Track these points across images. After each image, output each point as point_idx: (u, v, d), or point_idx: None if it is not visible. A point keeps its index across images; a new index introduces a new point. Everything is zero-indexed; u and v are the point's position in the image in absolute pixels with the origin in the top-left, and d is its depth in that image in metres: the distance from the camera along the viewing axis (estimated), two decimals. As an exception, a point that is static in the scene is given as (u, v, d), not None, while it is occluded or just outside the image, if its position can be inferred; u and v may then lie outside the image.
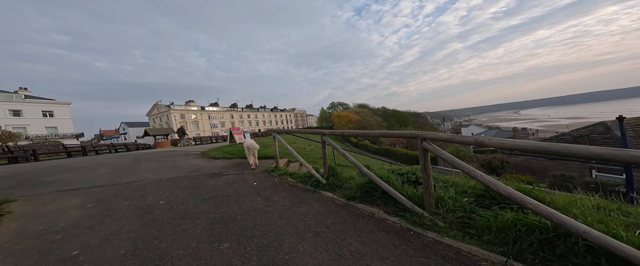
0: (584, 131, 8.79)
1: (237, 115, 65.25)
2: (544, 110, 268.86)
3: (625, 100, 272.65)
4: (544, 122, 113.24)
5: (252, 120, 69.36)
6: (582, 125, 37.44)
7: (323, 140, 3.11)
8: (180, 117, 50.90)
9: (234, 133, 11.08)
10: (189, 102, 57.24)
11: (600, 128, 8.25)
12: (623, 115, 5.00)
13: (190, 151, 9.65)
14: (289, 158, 6.18)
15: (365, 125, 40.81)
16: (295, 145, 10.46)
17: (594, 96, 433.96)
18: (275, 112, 77.97)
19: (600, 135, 7.99)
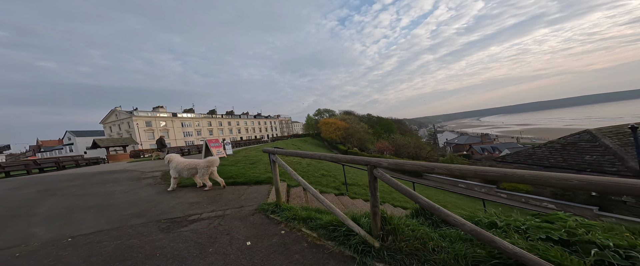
0: (570, 139, 9.18)
1: (216, 122, 60.06)
2: (498, 118, 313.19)
3: (556, 109, 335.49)
4: (500, 128, 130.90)
5: (232, 127, 64.58)
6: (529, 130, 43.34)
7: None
8: (146, 125, 44.47)
9: (211, 145, 9.06)
10: (158, 108, 50.74)
11: (586, 136, 8.65)
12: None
13: (147, 170, 7.41)
14: (288, 181, 4.73)
15: (352, 132, 40.72)
16: (286, 158, 8.93)
17: (533, 106, 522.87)
18: (259, 118, 74.33)
19: (588, 143, 8.33)
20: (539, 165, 9.87)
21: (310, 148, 27.60)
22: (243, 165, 6.79)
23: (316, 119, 58.86)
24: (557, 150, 9.53)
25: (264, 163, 7.31)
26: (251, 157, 9.19)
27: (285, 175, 5.72)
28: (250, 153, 11.39)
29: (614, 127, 8.62)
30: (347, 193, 4.76)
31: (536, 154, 10.39)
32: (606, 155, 7.55)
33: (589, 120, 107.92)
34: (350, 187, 5.89)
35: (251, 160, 8.07)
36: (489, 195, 10.36)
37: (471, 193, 11.15)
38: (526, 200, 8.72)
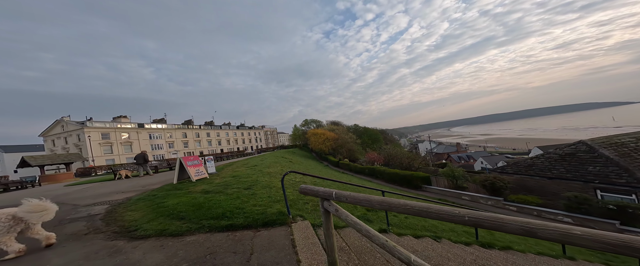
0: (567, 149, 9.49)
1: (192, 133, 54.28)
2: (464, 128, 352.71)
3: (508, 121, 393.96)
4: (468, 137, 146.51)
5: (212, 139, 59.07)
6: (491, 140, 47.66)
7: None
8: (102, 138, 37.59)
9: (188, 165, 6.99)
10: (119, 118, 43.93)
11: (583, 147, 8.98)
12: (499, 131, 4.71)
13: (91, 197, 5.17)
14: (313, 215, 3.23)
15: (342, 143, 40.09)
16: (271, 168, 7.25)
17: (491, 118, 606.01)
18: (243, 129, 69.91)
19: (587, 154, 8.59)
20: (541, 176, 9.95)
21: (300, 160, 25.76)
22: (235, 191, 5.03)
23: (304, 130, 57.39)
24: (556, 161, 9.77)
25: (264, 186, 5.60)
26: (242, 176, 7.28)
27: (299, 204, 4.17)
28: (239, 170, 9.32)
29: (607, 137, 9.25)
30: (390, 229, 3.41)
31: (536, 165, 10.60)
32: (610, 166, 7.75)
33: (535, 131, 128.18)
34: (374, 212, 4.55)
35: (244, 181, 6.24)
36: (496, 207, 9.96)
37: (477, 206, 10.70)
38: (538, 214, 8.41)
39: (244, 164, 12.67)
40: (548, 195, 9.13)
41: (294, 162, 20.19)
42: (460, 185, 12.61)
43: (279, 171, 9.40)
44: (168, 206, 4.09)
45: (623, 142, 8.48)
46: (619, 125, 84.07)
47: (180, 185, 6.36)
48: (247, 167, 10.69)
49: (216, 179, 7.11)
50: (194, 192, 5.35)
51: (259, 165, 11.45)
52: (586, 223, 7.10)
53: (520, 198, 9.30)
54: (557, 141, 55.26)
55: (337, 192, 1.55)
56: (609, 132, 71.49)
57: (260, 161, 14.87)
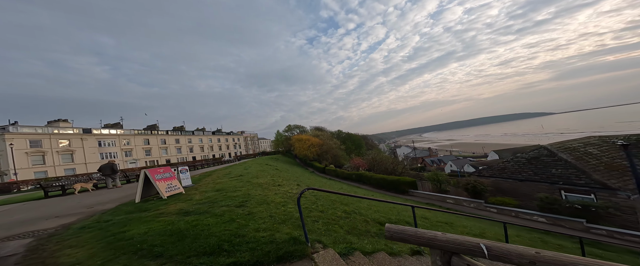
0: (534, 153, 10.68)
1: (157, 139, 47.41)
2: (433, 134, 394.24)
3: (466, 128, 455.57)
4: (436, 143, 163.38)
5: (182, 145, 52.49)
6: (455, 145, 54.25)
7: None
8: (31, 145, 29.73)
9: (156, 179, 5.45)
10: (57, 122, 35.69)
11: (544, 151, 10.22)
12: (477, 135, 5.41)
13: None
14: (330, 237, 2.54)
15: (327, 149, 39.80)
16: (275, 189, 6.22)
17: (453, 125, 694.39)
18: (219, 135, 64.15)
19: (549, 158, 9.76)
20: (514, 178, 10.98)
21: (286, 167, 24.32)
22: (226, 211, 3.97)
23: (287, 135, 55.59)
24: (524, 164, 10.94)
25: (259, 201, 4.65)
26: (228, 189, 6.00)
27: (306, 222, 3.31)
28: (222, 182, 7.81)
29: (560, 142, 10.79)
30: (424, 250, 2.82)
31: (508, 168, 11.72)
32: (569, 169, 8.88)
33: (486, 136, 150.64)
34: None
35: (233, 196, 5.10)
36: (478, 210, 10.53)
37: (461, 208, 11.20)
38: (516, 214, 9.07)
39: (225, 174, 10.95)
40: (520, 196, 10.04)
41: (280, 170, 18.78)
42: (443, 189, 13.20)
43: (270, 181, 8.21)
44: (132, 238, 2.90)
45: (574, 147, 9.93)
46: (547, 132, 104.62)
47: (147, 205, 4.88)
48: (231, 177, 9.17)
49: (195, 195, 5.71)
50: (168, 213, 4.08)
51: (245, 174, 10.03)
52: (558, 222, 7.85)
53: (498, 200, 9.99)
54: (504, 146, 65.22)
55: (488, 243, 0.88)
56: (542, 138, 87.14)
57: (245, 170, 13.27)
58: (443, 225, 5.21)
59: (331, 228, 3.56)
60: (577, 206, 7.47)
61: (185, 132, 54.00)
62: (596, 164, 8.64)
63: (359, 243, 3.01)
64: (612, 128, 74.93)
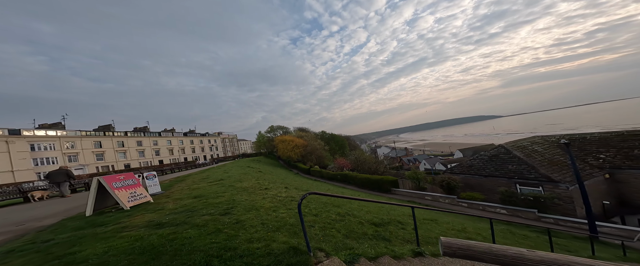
0: (494, 151, 12.18)
1: (113, 142, 40.79)
2: (408, 135, 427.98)
3: (434, 129, 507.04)
4: (411, 143, 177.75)
5: (146, 148, 46.20)
6: (427, 144, 60.86)
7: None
8: None
9: (116, 186, 4.48)
10: None
11: (502, 150, 11.74)
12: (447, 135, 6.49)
13: None
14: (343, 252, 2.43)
15: (311, 150, 39.54)
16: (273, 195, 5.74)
17: (424, 126, 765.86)
18: (192, 136, 58.42)
19: (506, 155, 11.25)
20: (480, 174, 12.37)
21: (269, 169, 23.24)
22: (210, 221, 3.39)
23: (270, 136, 53.62)
24: (486, 161, 12.42)
25: (247, 208, 4.16)
26: (209, 195, 5.28)
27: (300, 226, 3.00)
28: (199, 187, 6.91)
29: (513, 142, 12.55)
30: (426, 251, 2.81)
31: (474, 166, 13.16)
32: (522, 165, 10.38)
33: (451, 137, 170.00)
34: (384, 227, 3.91)
35: (215, 203, 4.46)
36: (452, 205, 11.54)
37: (438, 204, 12.17)
38: (483, 208, 10.19)
39: (202, 178, 9.78)
40: (485, 190, 11.35)
41: (264, 172, 17.80)
42: (422, 186, 14.19)
43: (255, 185, 7.56)
44: (87, 260, 2.26)
45: (524, 145, 11.67)
46: (497, 133, 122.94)
47: (102, 219, 4.01)
48: (210, 182, 8.20)
49: (168, 203, 4.90)
50: (134, 227, 3.38)
51: (226, 178, 9.11)
52: (516, 213, 9.07)
53: (469, 195, 11.11)
54: (466, 145, 74.27)
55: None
56: (494, 138, 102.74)
57: (225, 173, 12.12)
58: (429, 222, 5.46)
59: (328, 233, 3.38)
60: (529, 198, 8.75)
61: (149, 133, 47.55)
62: (541, 160, 10.31)
63: (360, 247, 2.86)
64: (543, 130, 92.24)
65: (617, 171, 9.21)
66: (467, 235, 4.61)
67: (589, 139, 10.93)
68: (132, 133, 44.22)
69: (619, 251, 5.13)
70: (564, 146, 6.65)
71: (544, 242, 5.09)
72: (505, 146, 11.75)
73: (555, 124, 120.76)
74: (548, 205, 8.37)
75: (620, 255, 4.86)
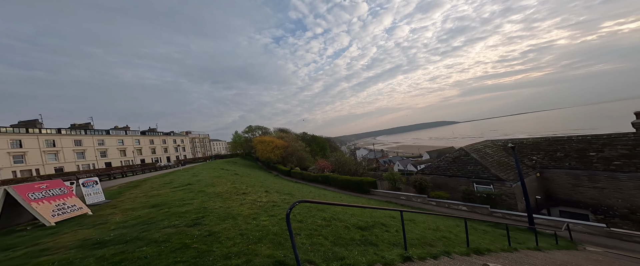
0: (456, 154, 13.77)
1: (39, 141, 32.73)
2: (384, 138, 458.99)
3: (407, 132, 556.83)
4: (387, 145, 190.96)
5: (88, 148, 38.40)
6: (400, 147, 66.99)
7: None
8: None
9: (34, 198, 3.28)
10: None
11: (463, 152, 13.36)
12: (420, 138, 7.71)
13: None
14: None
15: (292, 151, 38.65)
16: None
17: (398, 129, 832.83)
18: (152, 135, 51.08)
19: (466, 157, 12.83)
20: (445, 174, 13.82)
21: (246, 171, 21.69)
22: (175, 234, 2.76)
23: (247, 137, 50.65)
24: (450, 163, 13.98)
25: (221, 217, 3.62)
26: (171, 203, 4.55)
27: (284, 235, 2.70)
28: (159, 194, 5.86)
29: (472, 145, 14.42)
30: (412, 255, 2.84)
31: (441, 167, 14.66)
32: (478, 166, 11.97)
33: (419, 140, 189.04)
34: (369, 230, 3.89)
35: (180, 212, 3.75)
36: (423, 204, 12.59)
37: (411, 203, 13.13)
38: (448, 205, 11.38)
39: (164, 183, 8.38)
40: (449, 189, 12.73)
41: (241, 174, 16.43)
42: (397, 186, 15.14)
43: (231, 190, 6.77)
44: None
45: (479, 148, 13.52)
46: (456, 137, 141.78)
47: (10, 240, 3.01)
48: (175, 187, 7.07)
49: (114, 215, 3.99)
50: (59, 248, 2.64)
51: (195, 183, 7.96)
52: (474, 209, 10.37)
53: (436, 194, 12.28)
54: (432, 148, 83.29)
55: None
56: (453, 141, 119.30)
57: (194, 177, 10.67)
58: (408, 222, 5.72)
59: (316, 241, 3.18)
60: (484, 195, 10.14)
61: (94, 132, 39.55)
62: (492, 161, 12.10)
63: (350, 256, 2.73)
64: (488, 135, 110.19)
65: (545, 170, 11.45)
66: (441, 233, 4.97)
67: (525, 143, 13.36)
68: (69, 131, 36.04)
69: (552, 240, 6.28)
70: (511, 149, 7.90)
71: (501, 236, 5.91)
72: (465, 149, 13.43)
73: (497, 130, 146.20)
74: (497, 201, 9.86)
75: (554, 243, 5.94)
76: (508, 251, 3.84)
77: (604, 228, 7.45)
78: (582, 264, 3.55)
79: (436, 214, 4.45)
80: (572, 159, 10.77)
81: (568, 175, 10.68)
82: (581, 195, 10.29)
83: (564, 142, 11.71)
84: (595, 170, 9.87)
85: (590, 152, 10.44)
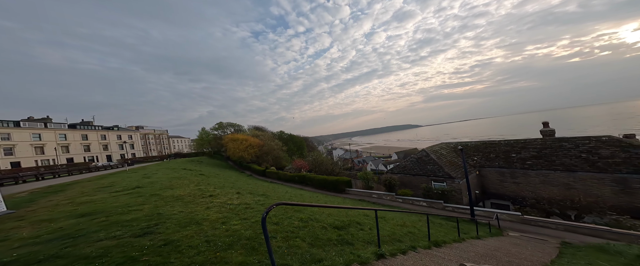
0: (419, 155, 15.55)
1: None
2: (359, 138, 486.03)
3: (379, 134, 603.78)
4: (361, 145, 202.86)
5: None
6: (374, 148, 73.49)
7: None
8: None
9: None
10: None
11: (424, 153, 15.19)
12: (396, 140, 9.19)
13: None
14: None
15: (267, 150, 37.06)
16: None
17: (370, 131, 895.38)
18: (86, 129, 41.53)
19: (426, 158, 14.62)
20: (410, 173, 15.46)
21: (215, 171, 19.68)
22: (115, 246, 2.19)
23: (217, 134, 46.22)
24: (414, 163, 15.73)
25: (181, 223, 3.15)
26: (113, 209, 3.80)
27: (259, 238, 2.55)
28: (96, 199, 4.86)
29: (431, 147, 16.56)
30: (385, 252, 3.05)
31: (407, 166, 16.34)
32: (435, 166, 13.79)
33: (388, 141, 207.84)
34: (345, 230, 4.02)
35: (126, 221, 3.11)
36: (393, 201, 13.80)
37: (382, 201, 14.24)
38: (412, 202, 12.78)
39: (101, 187, 6.87)
40: (413, 187, 14.31)
41: (207, 175, 14.76)
42: (370, 185, 16.19)
43: (195, 192, 6.00)
44: None
45: (436, 150, 15.61)
46: (419, 139, 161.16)
47: None
48: (116, 191, 5.88)
49: (20, 229, 2.98)
50: None
51: (146, 185, 6.76)
52: (432, 204, 11.92)
53: (403, 192, 13.62)
54: (399, 148, 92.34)
55: None
56: (416, 143, 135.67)
57: (144, 178, 9.06)
58: (380, 220, 6.15)
59: (293, 244, 3.11)
60: (439, 192, 11.78)
61: (-8, 120, 29.70)
62: (446, 162, 14.16)
63: (328, 257, 2.74)
64: (443, 138, 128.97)
65: (482, 169, 14.03)
66: (407, 228, 5.52)
67: (469, 146, 16.11)
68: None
69: (487, 229, 7.74)
70: (460, 151, 9.41)
71: (452, 228, 6.96)
72: (426, 150, 15.34)
73: (448, 134, 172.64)
74: (449, 197, 11.63)
75: (488, 231, 7.32)
76: (458, 242, 4.56)
77: (519, 216, 9.63)
78: (507, 248, 4.48)
79: (403, 211, 5.00)
80: (500, 160, 13.57)
81: (497, 173, 13.41)
82: (505, 189, 13.06)
83: (495, 145, 14.65)
84: (515, 168, 12.68)
85: (512, 153, 13.36)
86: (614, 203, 9.51)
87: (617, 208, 9.24)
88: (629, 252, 3.62)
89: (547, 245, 5.31)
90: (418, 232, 5.26)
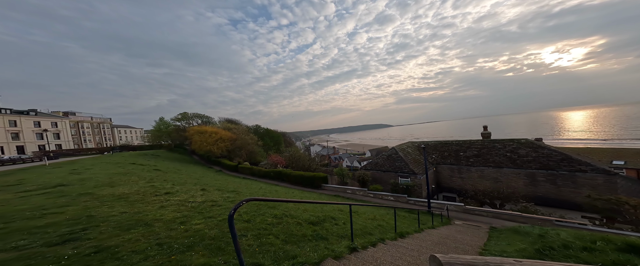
0: (389, 152, 16.99)
1: None
2: (336, 135, 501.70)
3: (356, 132, 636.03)
4: (338, 142, 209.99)
5: None
6: (350, 145, 77.47)
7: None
8: None
9: None
10: None
11: (393, 151, 16.68)
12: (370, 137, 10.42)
13: None
14: None
15: (241, 144, 34.66)
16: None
17: (347, 129, 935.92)
18: None
19: (395, 155, 16.09)
20: (380, 170, 16.79)
21: (175, 166, 17.32)
22: (18, 259, 1.91)
23: (179, 125, 40.71)
24: (385, 159, 17.15)
25: (122, 224, 2.69)
26: (19, 212, 3.06)
27: (226, 237, 2.41)
28: None
29: (399, 145, 18.30)
30: (358, 246, 3.20)
31: (378, 163, 17.67)
32: (402, 162, 15.32)
33: (363, 139, 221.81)
34: (320, 225, 4.09)
35: (40, 227, 2.32)
36: (365, 196, 14.80)
37: (355, 197, 15.10)
38: (382, 197, 13.94)
39: (3, 186, 5.14)
40: (383, 182, 15.62)
41: (164, 170, 12.89)
42: (345, 181, 16.94)
43: (145, 190, 5.15)
44: None
45: (403, 148, 17.35)
46: (390, 138, 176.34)
47: None
48: (24, 190, 4.79)
49: None
50: None
51: (74, 183, 5.54)
52: (398, 198, 13.25)
53: (374, 187, 14.71)
54: (372, 146, 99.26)
55: None
56: (387, 141, 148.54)
57: (73, 174, 7.36)
58: (353, 214, 6.48)
59: (265, 241, 2.99)
60: (404, 186, 13.20)
61: None
62: (410, 159, 15.90)
63: (302, 253, 2.71)
64: (408, 138, 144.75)
65: (438, 166, 16.31)
66: (377, 222, 5.99)
67: (430, 145, 18.48)
68: None
69: (440, 219, 9.07)
70: (423, 149, 10.71)
71: (414, 219, 7.90)
72: (395, 148, 16.87)
73: (413, 134, 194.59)
74: (412, 191, 13.17)
75: (440, 221, 8.58)
76: (418, 232, 5.21)
77: (462, 207, 11.63)
78: (454, 235, 5.34)
79: (373, 205, 5.43)
80: (451, 158, 16.02)
81: (449, 169, 15.81)
82: (454, 183, 15.54)
83: (449, 145, 17.18)
84: (461, 165, 15.17)
85: (460, 152, 15.93)
86: (525, 193, 12.47)
87: (527, 197, 12.16)
88: (533, 232, 4.80)
89: (480, 230, 6.58)
90: (386, 225, 5.76)
